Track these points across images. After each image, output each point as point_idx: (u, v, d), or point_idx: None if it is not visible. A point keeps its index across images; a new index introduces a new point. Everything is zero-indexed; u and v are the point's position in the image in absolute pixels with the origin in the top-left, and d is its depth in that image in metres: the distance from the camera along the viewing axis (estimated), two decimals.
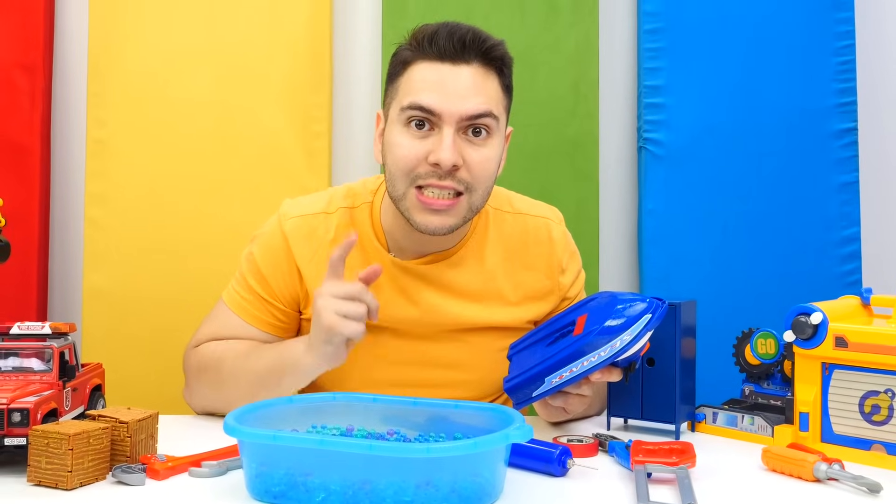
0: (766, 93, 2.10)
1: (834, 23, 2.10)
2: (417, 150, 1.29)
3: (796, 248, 2.08)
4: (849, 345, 1.20)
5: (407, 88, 1.31)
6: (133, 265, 1.96)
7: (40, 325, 1.17)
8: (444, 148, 1.27)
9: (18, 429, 1.05)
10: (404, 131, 1.31)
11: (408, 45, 1.34)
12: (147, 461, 1.08)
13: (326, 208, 1.44)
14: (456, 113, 1.28)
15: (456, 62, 1.30)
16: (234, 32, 2.03)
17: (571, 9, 2.09)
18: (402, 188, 1.31)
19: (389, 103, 1.36)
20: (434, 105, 1.28)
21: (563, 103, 2.09)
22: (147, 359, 1.94)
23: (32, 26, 2.03)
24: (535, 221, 1.49)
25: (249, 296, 1.43)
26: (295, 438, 0.98)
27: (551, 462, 1.10)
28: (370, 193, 1.45)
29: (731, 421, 1.33)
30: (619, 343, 1.17)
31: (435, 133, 1.29)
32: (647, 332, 1.19)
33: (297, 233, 1.42)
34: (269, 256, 1.43)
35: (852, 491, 1.06)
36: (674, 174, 2.08)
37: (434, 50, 1.30)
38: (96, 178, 1.99)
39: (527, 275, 1.47)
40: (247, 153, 2.01)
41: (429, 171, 1.29)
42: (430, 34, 1.31)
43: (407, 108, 1.29)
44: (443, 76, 1.29)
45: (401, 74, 1.34)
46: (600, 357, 1.18)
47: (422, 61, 1.31)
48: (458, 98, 1.29)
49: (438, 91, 1.29)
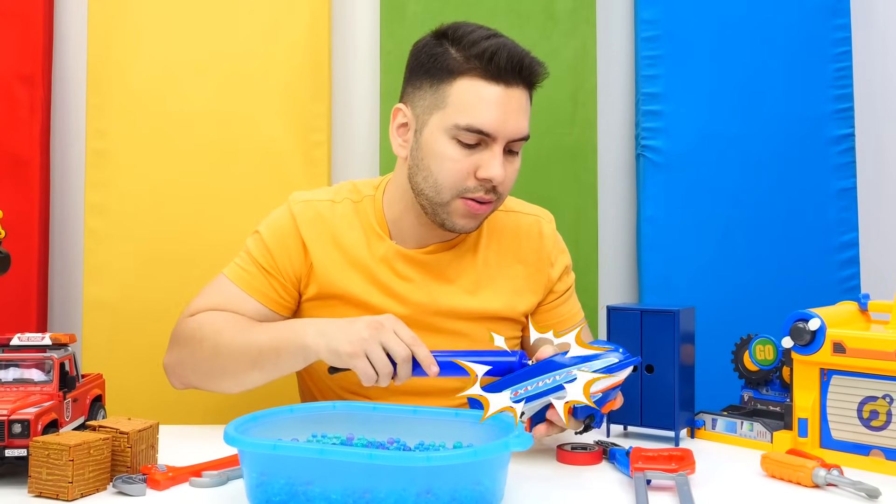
0: (764, 99, 2.10)
1: (831, 29, 2.11)
2: (467, 165, 1.36)
3: (794, 254, 2.08)
4: (847, 350, 1.20)
5: (459, 105, 1.35)
6: (133, 275, 1.96)
7: (40, 336, 1.18)
8: (496, 165, 1.35)
9: (19, 440, 1.06)
10: (454, 145, 1.36)
11: (451, 53, 1.36)
12: (148, 471, 1.09)
13: (333, 198, 1.49)
14: (508, 135, 1.36)
15: (510, 85, 1.35)
16: (232, 42, 2.03)
17: (569, 17, 2.10)
18: (447, 196, 1.38)
19: (429, 108, 1.38)
20: (490, 128, 1.34)
21: (561, 111, 2.09)
22: (147, 369, 1.94)
23: (32, 37, 2.03)
24: (527, 219, 1.56)
25: (253, 268, 1.46)
26: (295, 448, 0.98)
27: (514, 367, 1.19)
28: (372, 188, 1.51)
29: (731, 427, 1.34)
30: (576, 370, 1.13)
31: (483, 148, 1.36)
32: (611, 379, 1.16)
33: (304, 215, 1.47)
34: (276, 234, 1.47)
35: (851, 496, 1.06)
36: (672, 181, 2.08)
37: (492, 69, 1.34)
38: (96, 188, 1.99)
39: (519, 268, 1.53)
40: (246, 163, 2.01)
41: (477, 185, 1.37)
42: (489, 52, 1.33)
43: (465, 128, 1.34)
44: (500, 99, 1.34)
45: (446, 83, 1.36)
46: (555, 381, 1.16)
47: (477, 78, 1.34)
48: (512, 121, 1.35)
49: (496, 114, 1.34)
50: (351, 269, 1.45)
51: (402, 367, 1.23)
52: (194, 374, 1.43)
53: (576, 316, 1.60)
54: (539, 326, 1.56)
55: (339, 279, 1.44)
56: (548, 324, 1.56)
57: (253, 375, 1.36)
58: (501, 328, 1.50)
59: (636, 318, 1.34)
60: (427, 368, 1.24)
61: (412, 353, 1.24)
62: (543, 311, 1.56)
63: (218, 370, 1.39)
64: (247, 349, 1.36)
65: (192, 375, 1.43)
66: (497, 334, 1.13)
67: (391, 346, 1.23)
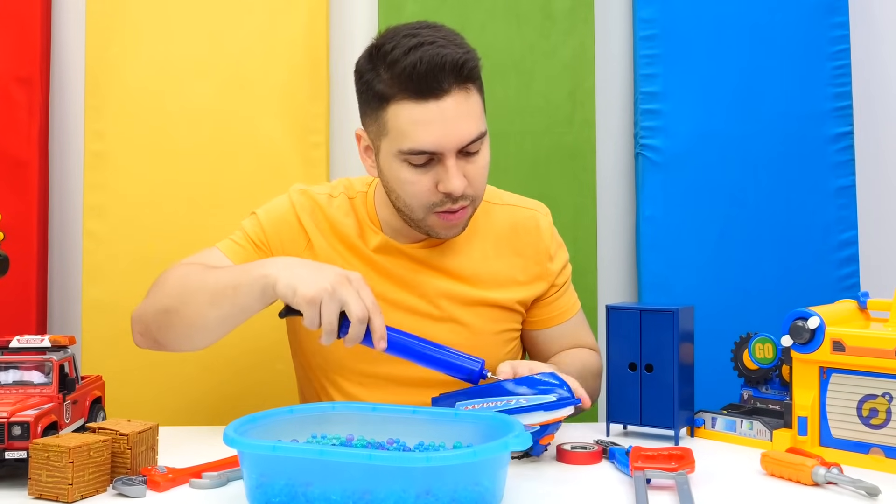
0: (763, 98, 2.10)
1: (829, 27, 2.11)
2: (426, 182, 1.35)
3: (794, 253, 2.08)
4: (846, 349, 1.20)
5: (398, 131, 1.33)
6: (132, 277, 1.96)
7: (40, 338, 1.18)
8: (452, 179, 1.33)
9: (19, 442, 1.06)
10: (407, 168, 1.35)
11: (380, 76, 1.33)
12: (148, 473, 1.09)
13: (330, 192, 1.52)
14: (454, 146, 1.33)
15: (440, 95, 1.31)
16: (230, 43, 2.03)
17: (567, 17, 2.10)
18: (420, 214, 1.38)
19: (377, 134, 1.37)
20: (434, 147, 1.32)
21: (559, 111, 2.09)
22: (147, 371, 1.94)
23: (29, 39, 2.03)
24: (524, 212, 1.57)
25: (245, 242, 1.47)
26: (295, 449, 0.98)
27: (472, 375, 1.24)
28: (365, 186, 1.53)
29: (730, 426, 1.34)
30: (514, 402, 1.16)
31: (436, 163, 1.34)
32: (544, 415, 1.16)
33: (303, 204, 1.49)
34: (273, 217, 1.49)
35: (851, 494, 1.06)
36: (671, 180, 2.08)
37: (415, 87, 1.30)
38: (95, 190, 1.99)
39: (516, 260, 1.53)
40: (245, 164, 2.01)
41: (442, 198, 1.36)
42: (407, 70, 1.29)
43: (408, 153, 1.33)
44: (433, 116, 1.31)
45: (381, 110, 1.34)
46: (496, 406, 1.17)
47: (403, 101, 1.31)
48: (454, 132, 1.32)
49: (433, 132, 1.31)
50: (350, 255, 1.48)
51: (355, 328, 1.21)
52: (154, 321, 1.38)
53: (573, 307, 1.61)
54: (538, 321, 1.57)
55: (340, 264, 1.43)
56: (546, 317, 1.57)
57: (209, 315, 1.31)
58: (500, 318, 1.52)
59: (635, 317, 1.34)
60: (376, 342, 1.23)
61: (369, 319, 1.22)
62: (543, 305, 1.57)
63: (175, 312, 1.34)
64: (205, 284, 1.32)
65: (153, 322, 1.38)
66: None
67: (350, 304, 1.20)
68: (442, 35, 1.34)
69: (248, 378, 1.96)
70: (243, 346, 1.93)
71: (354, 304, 1.21)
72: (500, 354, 1.51)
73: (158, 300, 1.38)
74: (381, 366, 1.44)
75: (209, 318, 1.32)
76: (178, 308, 1.34)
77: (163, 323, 1.37)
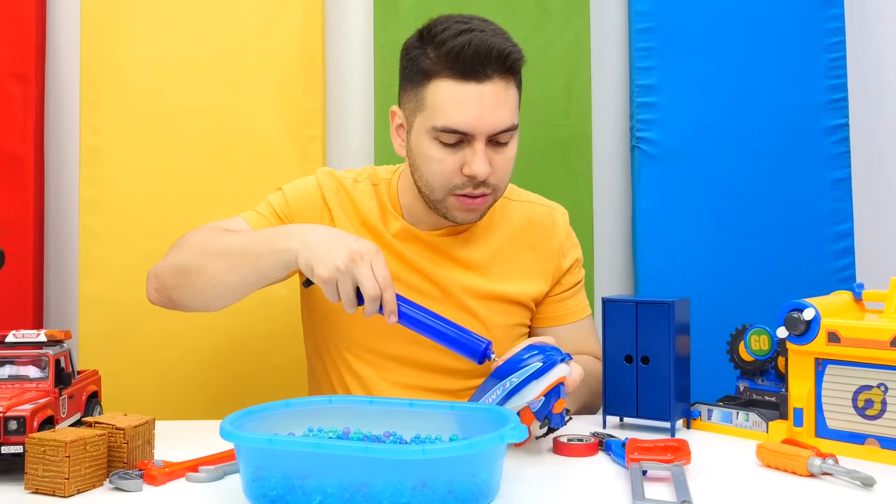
0: (758, 90, 2.10)
1: (824, 20, 2.11)
2: (452, 163, 1.38)
3: (790, 245, 2.08)
4: (841, 340, 1.21)
5: (435, 107, 1.37)
6: (128, 272, 1.96)
7: (36, 332, 1.18)
8: (478, 162, 1.36)
9: (15, 437, 1.06)
10: (437, 145, 1.39)
11: (427, 54, 1.38)
12: (144, 467, 1.09)
13: (356, 177, 1.55)
14: (486, 131, 1.36)
15: (482, 80, 1.36)
16: (226, 38, 2.03)
17: (562, 9, 2.09)
18: (440, 195, 1.41)
19: (413, 110, 1.42)
20: (467, 128, 1.36)
21: (555, 104, 2.09)
22: (143, 365, 1.94)
23: (25, 34, 2.03)
24: (541, 209, 1.60)
25: (269, 213, 1.51)
26: (291, 442, 0.98)
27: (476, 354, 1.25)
28: (389, 173, 1.56)
29: (726, 417, 1.34)
30: (509, 384, 1.18)
31: (465, 145, 1.38)
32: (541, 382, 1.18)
33: (328, 184, 1.53)
34: (299, 193, 1.53)
35: (846, 485, 1.07)
36: (667, 173, 2.08)
37: (461, 67, 1.35)
38: (90, 185, 1.99)
39: (530, 255, 1.56)
40: (241, 159, 2.01)
41: (465, 181, 1.39)
42: (455, 50, 1.34)
43: (441, 130, 1.36)
44: (472, 97, 1.35)
45: (423, 86, 1.39)
46: (497, 396, 1.19)
47: (446, 79, 1.36)
48: (488, 116, 1.36)
49: (468, 112, 1.35)
50: (370, 237, 1.50)
51: (369, 305, 1.25)
52: (171, 278, 1.40)
53: (582, 311, 1.61)
54: (543, 318, 1.58)
55: None
56: (553, 314, 1.58)
57: (229, 278, 1.34)
58: (511, 311, 1.53)
59: (631, 309, 1.34)
60: (387, 315, 1.26)
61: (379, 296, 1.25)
62: (550, 302, 1.57)
63: (195, 272, 1.36)
64: (229, 248, 1.35)
65: (170, 279, 1.40)
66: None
67: (363, 282, 1.24)
68: (492, 27, 1.40)
69: (245, 372, 1.96)
70: (240, 340, 1.93)
71: (367, 281, 1.24)
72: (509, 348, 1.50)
73: (179, 258, 1.40)
74: (392, 345, 1.48)
75: (229, 281, 1.35)
76: (198, 268, 1.36)
77: (180, 281, 1.39)
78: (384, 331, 1.44)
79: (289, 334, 1.88)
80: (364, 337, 1.49)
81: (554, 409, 1.19)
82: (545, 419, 1.20)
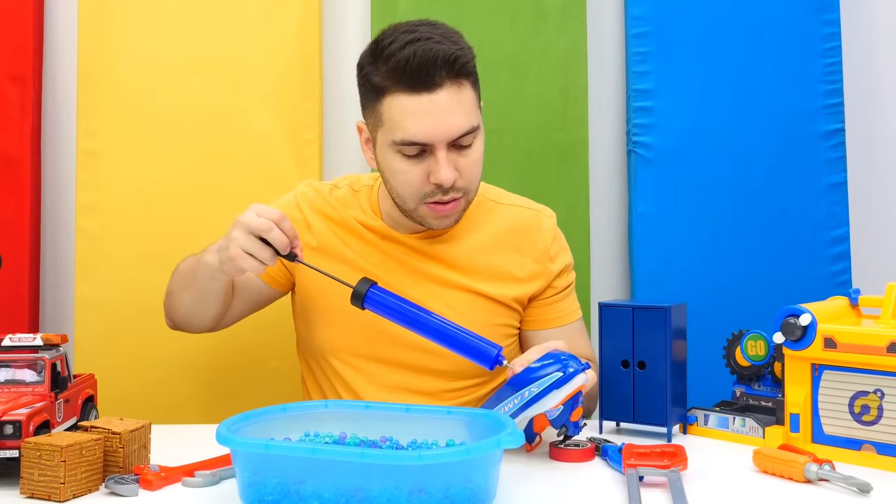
0: (754, 95, 2.10)
1: (820, 24, 2.11)
2: (418, 173, 1.39)
3: (786, 250, 2.08)
4: (838, 345, 1.21)
5: (391, 122, 1.38)
6: (125, 275, 1.96)
7: (32, 336, 1.18)
8: (442, 170, 1.37)
9: (11, 441, 1.06)
10: (400, 158, 1.40)
11: (377, 69, 1.38)
12: (140, 471, 1.09)
13: (335, 183, 1.60)
14: (445, 139, 1.37)
15: (433, 89, 1.35)
16: (223, 40, 2.03)
17: (559, 14, 2.10)
18: (412, 205, 1.42)
19: (374, 125, 1.43)
20: (425, 138, 1.36)
21: (552, 108, 2.09)
22: (139, 369, 1.94)
23: (22, 37, 2.02)
24: (528, 212, 1.59)
25: None
26: (287, 447, 0.98)
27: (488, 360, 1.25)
28: (371, 180, 1.59)
29: (723, 423, 1.34)
30: (528, 394, 1.17)
31: (428, 155, 1.38)
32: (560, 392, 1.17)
33: (304, 193, 1.58)
34: (278, 206, 1.54)
35: (843, 491, 1.07)
36: (663, 177, 2.09)
37: (408, 80, 1.35)
38: (87, 188, 1.98)
39: (514, 257, 1.55)
40: (238, 162, 2.01)
41: (433, 189, 1.39)
42: (401, 64, 1.34)
43: (401, 143, 1.37)
44: (424, 108, 1.35)
45: (378, 101, 1.39)
46: (514, 405, 1.18)
47: (398, 93, 1.36)
48: (444, 124, 1.36)
49: (424, 123, 1.35)
50: (349, 235, 1.52)
51: (270, 234, 1.29)
52: (165, 304, 1.59)
53: (573, 314, 1.60)
54: (533, 321, 1.57)
55: (338, 248, 1.52)
56: (543, 318, 1.57)
57: (185, 298, 1.51)
58: (495, 311, 1.53)
59: (628, 314, 1.34)
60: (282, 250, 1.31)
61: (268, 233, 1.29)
62: (540, 305, 1.57)
63: (171, 296, 1.55)
64: (180, 271, 1.53)
65: (165, 306, 1.59)
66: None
67: (252, 224, 1.29)
68: (439, 32, 1.38)
69: (241, 376, 1.95)
70: (236, 344, 1.93)
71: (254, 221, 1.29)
72: None
73: (168, 285, 1.57)
74: (375, 348, 1.49)
75: (185, 300, 1.51)
76: (171, 292, 1.56)
77: (167, 306, 1.58)
78: (366, 334, 1.46)
79: (285, 338, 1.88)
80: (346, 341, 1.50)
81: (572, 418, 1.20)
82: (562, 427, 1.20)
